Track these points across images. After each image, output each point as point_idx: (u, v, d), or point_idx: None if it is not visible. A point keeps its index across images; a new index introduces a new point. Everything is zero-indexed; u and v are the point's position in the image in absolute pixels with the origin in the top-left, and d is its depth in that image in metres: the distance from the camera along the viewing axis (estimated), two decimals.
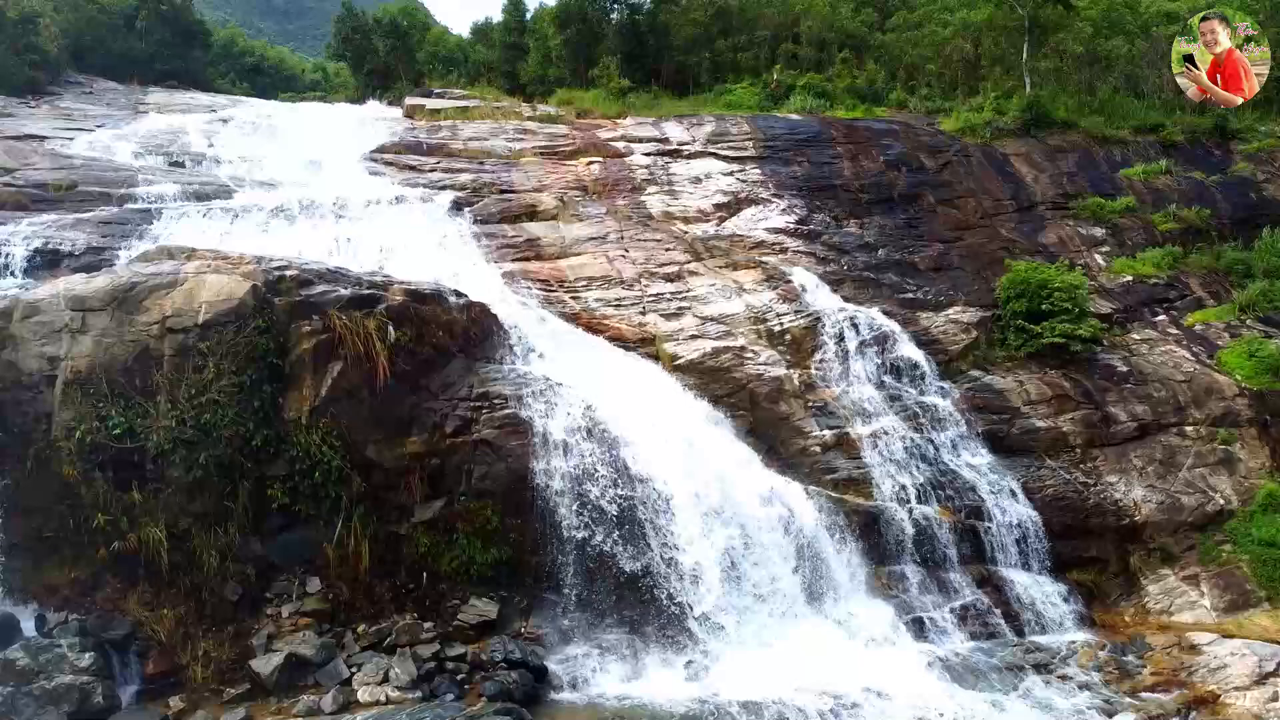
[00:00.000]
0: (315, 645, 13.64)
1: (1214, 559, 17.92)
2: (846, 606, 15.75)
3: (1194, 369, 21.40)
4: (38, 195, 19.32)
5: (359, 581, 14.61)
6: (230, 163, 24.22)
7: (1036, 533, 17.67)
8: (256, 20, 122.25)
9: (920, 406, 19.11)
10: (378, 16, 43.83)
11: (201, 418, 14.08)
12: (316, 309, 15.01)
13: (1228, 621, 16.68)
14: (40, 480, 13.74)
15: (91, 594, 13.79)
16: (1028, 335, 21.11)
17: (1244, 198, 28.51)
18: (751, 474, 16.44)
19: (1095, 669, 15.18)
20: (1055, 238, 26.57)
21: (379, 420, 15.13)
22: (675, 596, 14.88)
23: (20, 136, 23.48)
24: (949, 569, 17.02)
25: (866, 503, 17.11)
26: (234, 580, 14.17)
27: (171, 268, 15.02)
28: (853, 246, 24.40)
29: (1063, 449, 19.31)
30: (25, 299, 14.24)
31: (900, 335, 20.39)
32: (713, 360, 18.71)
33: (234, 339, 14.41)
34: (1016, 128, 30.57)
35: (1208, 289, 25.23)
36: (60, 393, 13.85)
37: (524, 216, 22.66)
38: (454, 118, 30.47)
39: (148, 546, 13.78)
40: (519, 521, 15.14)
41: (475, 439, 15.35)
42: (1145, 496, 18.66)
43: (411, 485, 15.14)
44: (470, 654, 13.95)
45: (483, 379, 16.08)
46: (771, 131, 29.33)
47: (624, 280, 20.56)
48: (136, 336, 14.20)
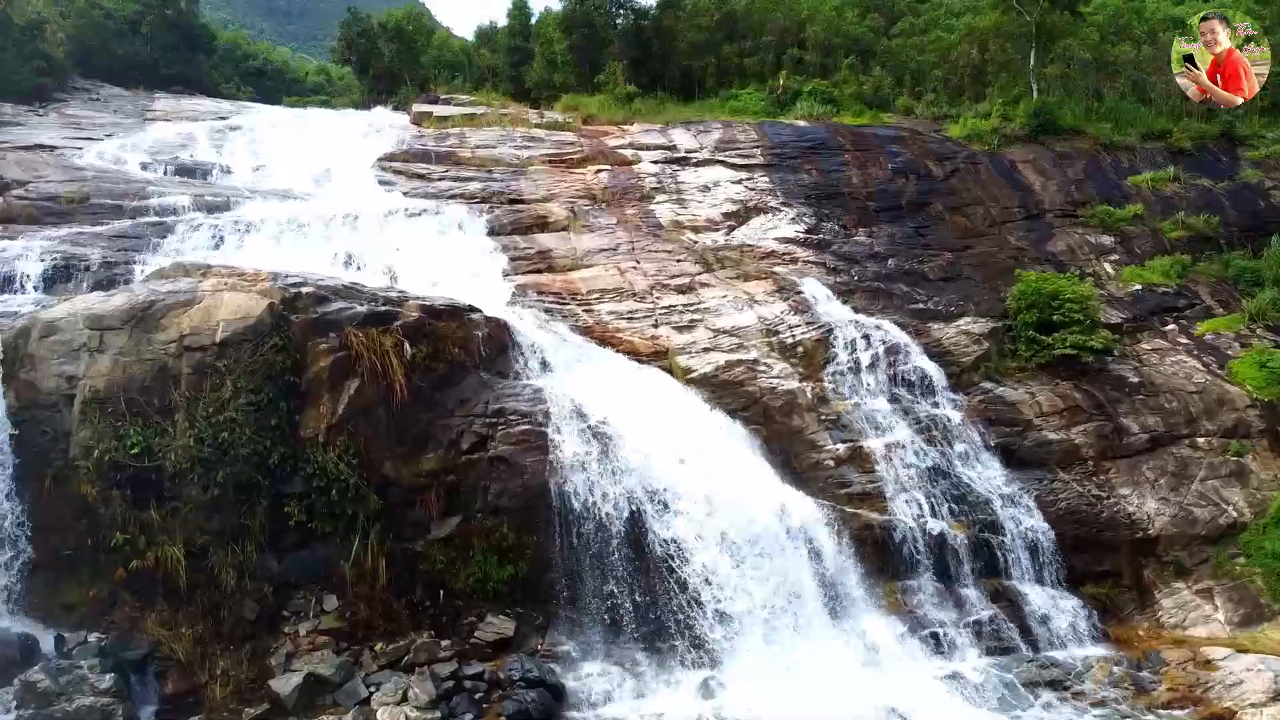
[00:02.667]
0: (334, 664, 13.65)
1: (1227, 572, 17.95)
2: (862, 623, 15.77)
3: (1205, 379, 21.41)
4: (50, 208, 19.34)
5: (376, 599, 14.61)
6: (240, 172, 24.25)
7: (1050, 547, 17.70)
8: (258, 20, 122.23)
9: (932, 419, 19.12)
10: (383, 21, 43.71)
11: (219, 436, 14.09)
12: (333, 326, 15.01)
13: (1242, 636, 16.71)
14: (58, 499, 13.73)
15: (109, 613, 13.82)
16: (1039, 346, 21.10)
17: (1252, 205, 28.52)
18: (767, 490, 16.43)
19: (1111, 685, 15.22)
20: (1064, 246, 26.58)
21: (395, 437, 15.14)
22: (691, 614, 14.92)
23: (30, 147, 23.47)
24: (963, 584, 17.03)
25: (880, 517, 17.12)
26: (252, 598, 14.19)
27: (188, 285, 15.02)
28: (862, 256, 24.40)
29: (1075, 461, 19.32)
30: (43, 318, 14.23)
31: (911, 347, 20.39)
32: (726, 374, 18.71)
33: (251, 357, 14.43)
34: (1024, 134, 30.60)
35: (1217, 297, 25.24)
36: (78, 412, 13.85)
37: (535, 228, 22.66)
38: (462, 125, 30.45)
39: (165, 565, 13.79)
40: (535, 538, 15.19)
41: (491, 455, 15.38)
42: (1158, 509, 18.68)
43: (428, 502, 15.16)
44: (488, 672, 13.96)
45: (498, 395, 16.09)
46: (779, 139, 29.31)
47: (636, 292, 20.56)
48: (154, 355, 14.20)
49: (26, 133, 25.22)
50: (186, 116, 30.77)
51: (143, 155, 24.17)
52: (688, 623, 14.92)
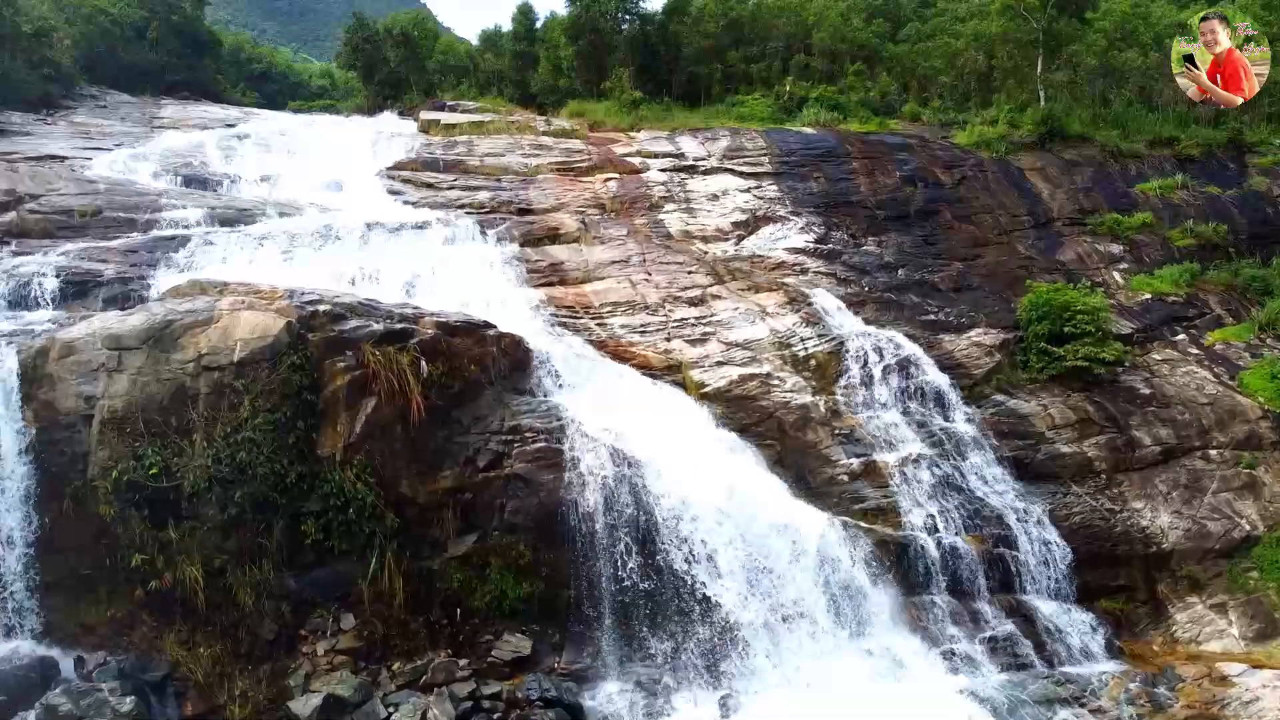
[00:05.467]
0: (352, 685, 13.65)
1: (1241, 586, 17.94)
2: (878, 640, 15.75)
3: (1216, 391, 21.40)
4: (63, 222, 19.33)
5: (393, 617, 14.63)
6: (250, 182, 24.25)
7: (1064, 561, 17.69)
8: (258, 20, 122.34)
9: (945, 433, 19.12)
10: (388, 26, 43.75)
11: (237, 456, 14.09)
12: (350, 344, 15.01)
13: (1257, 651, 16.70)
14: (77, 519, 13.75)
15: (127, 633, 13.84)
16: (1050, 358, 21.07)
17: (1260, 213, 28.53)
18: (782, 507, 16.43)
19: (1127, 702, 15.16)
20: (1073, 255, 26.59)
21: (411, 455, 15.14)
22: (708, 631, 14.94)
23: (41, 157, 23.46)
24: (978, 599, 17.02)
25: (895, 533, 17.11)
26: (269, 618, 14.20)
27: (205, 304, 15.02)
28: (873, 266, 24.40)
29: (1088, 474, 19.32)
30: (61, 338, 14.24)
31: (923, 359, 20.38)
32: (740, 388, 18.71)
33: (269, 376, 14.43)
34: (1031, 141, 30.65)
35: (1226, 307, 25.24)
36: (97, 432, 13.87)
37: (546, 239, 22.66)
38: (469, 133, 30.46)
39: (183, 585, 13.82)
40: (551, 555, 15.20)
41: (507, 473, 15.39)
42: (1171, 523, 18.68)
43: (445, 520, 15.18)
44: (506, 692, 13.96)
45: (514, 411, 16.09)
46: (787, 146, 29.34)
47: (648, 305, 20.54)
48: (172, 375, 14.21)
49: (36, 142, 25.24)
50: (194, 124, 30.82)
51: (153, 165, 24.17)
52: (705, 640, 14.94)
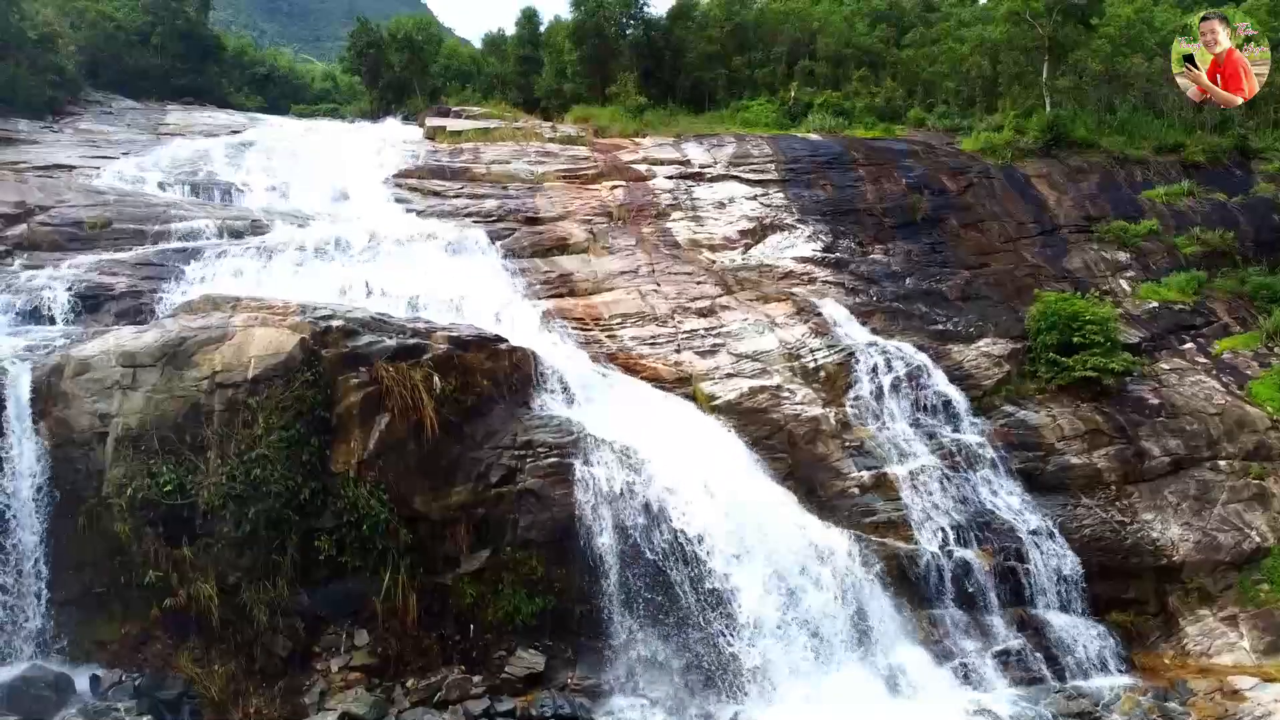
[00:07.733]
0: (367, 703, 13.67)
1: (1252, 599, 17.98)
2: (890, 655, 15.77)
3: (1225, 401, 21.41)
4: (73, 234, 19.30)
5: (407, 633, 14.66)
6: (257, 192, 24.21)
7: (1075, 574, 17.72)
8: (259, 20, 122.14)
9: (955, 444, 19.13)
10: (393, 31, 43.70)
11: (251, 473, 14.10)
12: (363, 360, 15.03)
13: (1268, 664, 16.73)
14: (92, 536, 13.76)
15: (142, 650, 13.86)
16: (1059, 368, 21.08)
17: (1266, 219, 28.51)
18: (793, 521, 16.44)
19: (1139, 716, 15.21)
20: (1080, 262, 26.58)
21: (425, 471, 15.15)
22: (719, 646, 14.94)
23: (49, 167, 23.44)
24: (989, 612, 17.05)
25: (906, 546, 17.14)
26: (283, 634, 14.21)
27: (219, 321, 15.03)
28: (880, 275, 24.39)
29: (1098, 486, 19.34)
30: (76, 355, 14.23)
31: (932, 370, 20.39)
32: (750, 401, 18.72)
33: (283, 393, 14.44)
34: (1037, 148, 30.55)
35: (1233, 315, 25.25)
36: (112, 449, 13.88)
37: (555, 250, 22.67)
38: (475, 140, 30.39)
39: (198, 602, 13.83)
40: (564, 571, 15.21)
41: (520, 488, 15.39)
42: (1182, 535, 18.69)
43: (458, 536, 15.19)
44: (519, 709, 14.02)
45: (526, 426, 16.08)
46: (793, 153, 29.29)
47: (658, 317, 20.56)
48: (186, 392, 14.22)
49: (44, 151, 25.18)
50: (200, 131, 30.76)
51: (160, 174, 24.11)
52: (717, 655, 14.92)
